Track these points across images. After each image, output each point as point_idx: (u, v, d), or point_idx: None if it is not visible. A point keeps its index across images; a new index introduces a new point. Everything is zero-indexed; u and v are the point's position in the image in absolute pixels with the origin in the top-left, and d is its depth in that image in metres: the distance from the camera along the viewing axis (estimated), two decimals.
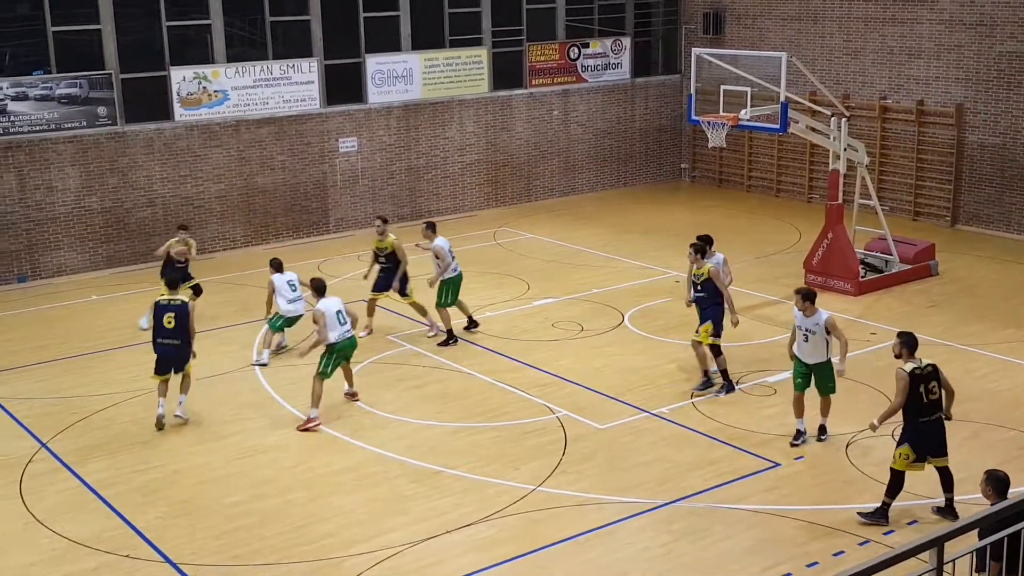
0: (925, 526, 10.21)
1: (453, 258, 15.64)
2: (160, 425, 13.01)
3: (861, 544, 10.12)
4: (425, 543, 10.35)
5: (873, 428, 10.58)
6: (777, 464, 11.76)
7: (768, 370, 14.37)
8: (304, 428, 12.95)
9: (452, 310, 15.76)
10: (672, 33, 26.95)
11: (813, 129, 17.96)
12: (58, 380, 14.84)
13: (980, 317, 16.40)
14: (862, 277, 17.81)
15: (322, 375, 13.03)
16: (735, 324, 13.80)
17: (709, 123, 17.64)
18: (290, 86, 21.77)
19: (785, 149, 24.86)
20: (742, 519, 10.65)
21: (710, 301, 13.64)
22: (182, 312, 13.09)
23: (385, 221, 16.15)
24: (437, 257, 15.53)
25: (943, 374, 10.37)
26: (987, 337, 15.54)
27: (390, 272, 15.97)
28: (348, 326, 13.24)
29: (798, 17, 24.25)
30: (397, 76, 23.01)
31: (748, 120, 17.35)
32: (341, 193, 22.68)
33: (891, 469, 10.42)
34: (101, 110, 19.98)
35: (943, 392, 10.32)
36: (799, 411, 12.30)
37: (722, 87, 17.92)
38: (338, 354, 13.13)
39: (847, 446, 12.13)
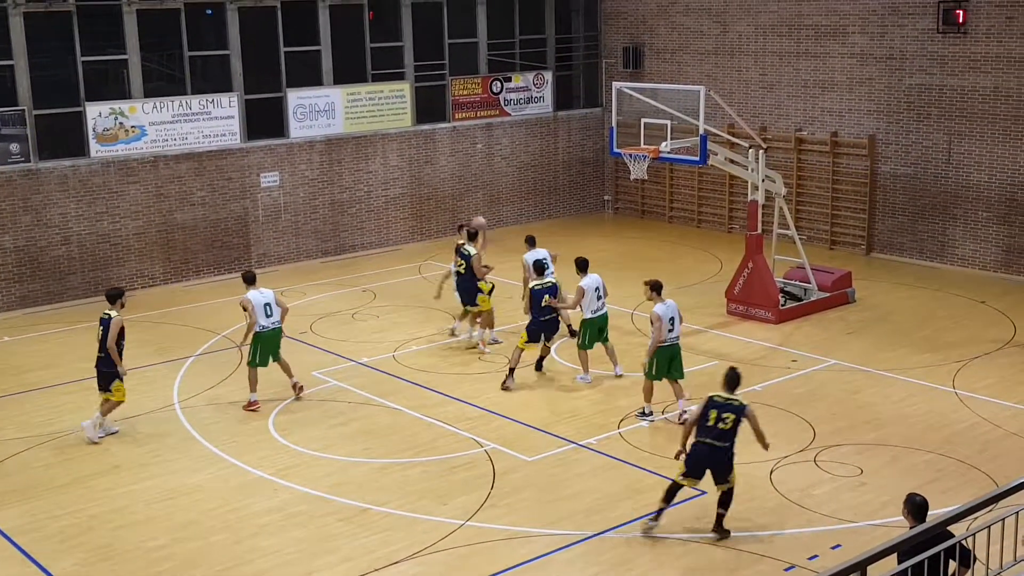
0: (849, 550, 10.36)
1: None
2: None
3: (787, 570, 10.22)
4: None
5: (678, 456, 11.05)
6: (703, 492, 11.83)
7: (691, 399, 14.47)
8: (247, 408, 14.45)
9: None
10: (593, 67, 27.29)
11: (732, 161, 18.28)
12: None
13: (896, 343, 16.77)
14: (782, 305, 18.11)
15: (251, 364, 14.46)
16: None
17: (630, 155, 17.84)
18: (210, 121, 21.52)
19: (705, 181, 25.27)
20: (670, 548, 10.69)
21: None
22: (104, 325, 13.39)
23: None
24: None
25: (754, 420, 10.73)
26: (903, 362, 15.89)
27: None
28: (275, 318, 14.44)
29: (715, 52, 24.75)
30: (319, 110, 22.91)
31: (668, 152, 17.57)
32: (263, 228, 22.43)
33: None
34: (14, 147, 19.50)
35: (736, 428, 10.69)
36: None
37: (643, 120, 18.15)
38: (263, 344, 14.36)
39: (771, 472, 12.28)
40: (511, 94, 25.81)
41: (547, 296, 15.18)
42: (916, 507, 7.97)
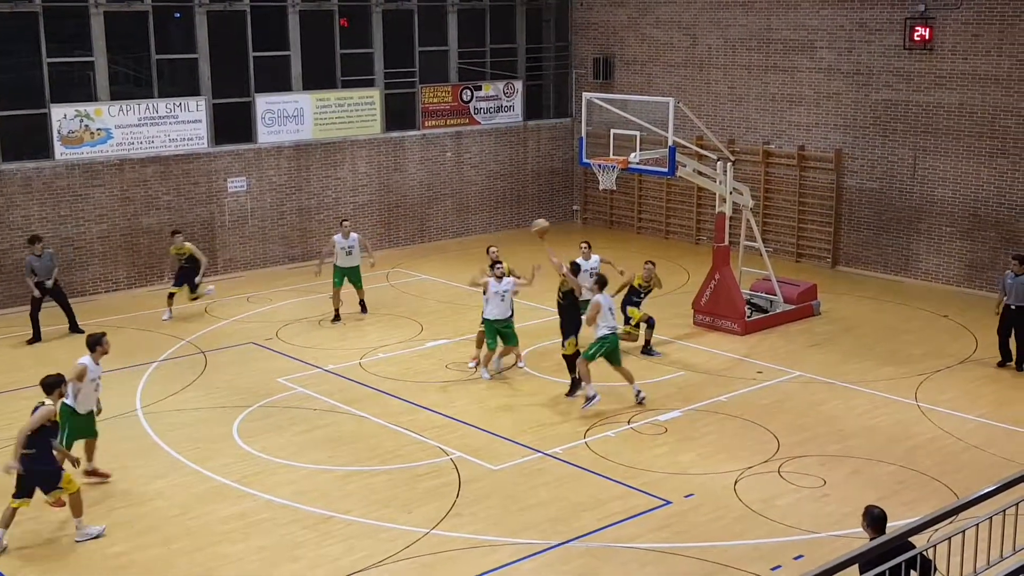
0: (811, 560, 10.41)
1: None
2: None
3: None
4: None
5: None
6: (668, 502, 11.87)
7: (658, 409, 14.54)
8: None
9: None
10: (563, 77, 27.36)
11: (700, 173, 18.38)
12: None
13: (860, 355, 16.91)
14: (748, 317, 18.21)
15: None
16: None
17: (600, 166, 17.90)
18: (177, 125, 21.36)
19: (673, 192, 25.38)
20: (635, 558, 10.70)
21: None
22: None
23: None
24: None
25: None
26: (867, 374, 16.02)
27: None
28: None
29: (684, 64, 24.89)
30: (288, 116, 22.80)
31: (637, 163, 17.66)
32: (230, 234, 22.28)
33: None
34: None
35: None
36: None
37: (612, 131, 18.24)
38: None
39: (735, 483, 12.32)
40: (481, 103, 25.82)
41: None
42: (874, 519, 8.08)
